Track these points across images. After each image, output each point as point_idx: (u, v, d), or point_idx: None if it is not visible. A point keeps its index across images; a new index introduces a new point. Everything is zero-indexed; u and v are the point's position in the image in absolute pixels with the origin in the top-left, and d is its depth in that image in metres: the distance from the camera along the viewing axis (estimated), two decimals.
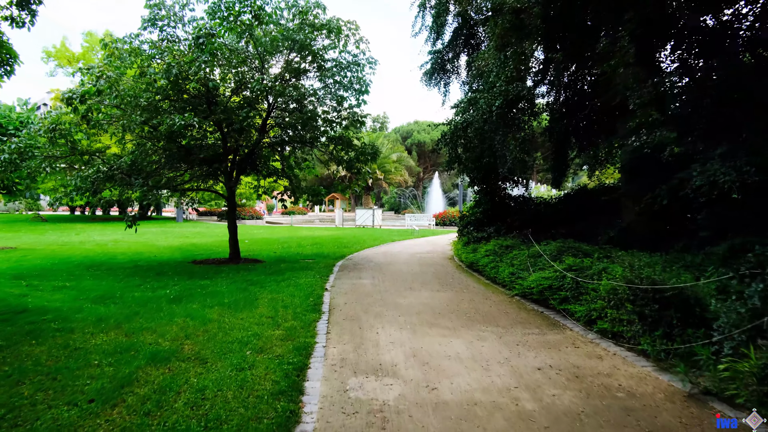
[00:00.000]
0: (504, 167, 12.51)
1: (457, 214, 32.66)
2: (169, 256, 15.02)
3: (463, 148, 13.08)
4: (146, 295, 8.67)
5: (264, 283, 9.91)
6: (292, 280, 10.31)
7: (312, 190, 16.03)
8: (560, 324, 6.98)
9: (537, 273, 8.46)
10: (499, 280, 9.98)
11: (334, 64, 13.52)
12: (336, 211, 36.69)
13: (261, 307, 7.71)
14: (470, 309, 7.94)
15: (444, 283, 10.41)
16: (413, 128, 68.04)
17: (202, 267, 12.48)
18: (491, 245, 11.80)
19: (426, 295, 9.11)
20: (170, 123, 10.72)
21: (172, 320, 6.76)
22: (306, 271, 11.66)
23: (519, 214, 14.58)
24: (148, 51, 12.40)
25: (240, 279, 10.46)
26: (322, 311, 7.60)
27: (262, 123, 13.77)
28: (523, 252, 10.40)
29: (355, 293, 9.20)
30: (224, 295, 8.56)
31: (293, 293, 8.86)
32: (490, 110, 12.10)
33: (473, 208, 16.25)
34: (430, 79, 16.80)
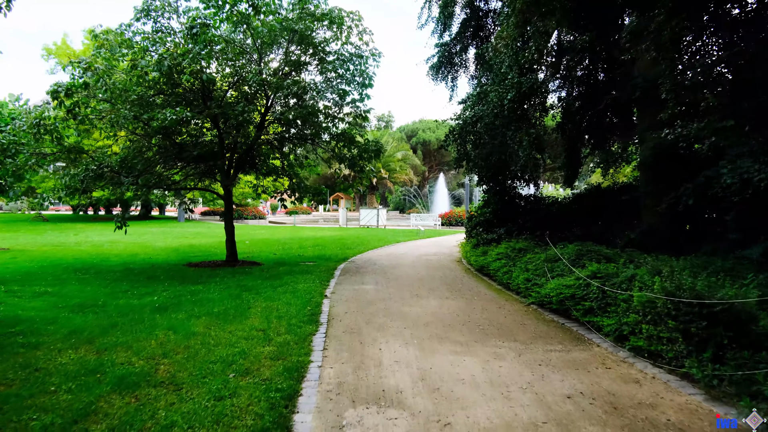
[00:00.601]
0: (516, 165, 11.76)
1: (463, 214, 31.90)
2: (164, 258, 14.37)
3: (472, 145, 12.35)
4: (131, 302, 7.99)
5: (259, 289, 9.22)
6: (289, 286, 9.61)
7: (314, 189, 15.37)
8: (585, 339, 6.24)
9: (556, 280, 7.72)
10: (513, 286, 9.24)
11: (336, 57, 12.81)
12: (340, 211, 36.01)
13: (253, 317, 7.01)
14: (483, 320, 7.21)
15: (453, 289, 9.68)
16: (418, 127, 67.28)
17: (196, 270, 11.80)
18: (503, 248, 11.06)
19: (434, 303, 8.39)
20: (161, 118, 10.06)
21: (153, 333, 6.07)
22: (305, 276, 10.96)
23: (531, 215, 13.83)
24: (141, 43, 11.75)
25: (234, 284, 9.77)
26: (319, 322, 6.88)
27: (260, 119, 13.08)
28: (538, 256, 9.66)
29: (357, 301, 8.49)
30: (214, 303, 7.87)
31: (290, 301, 8.16)
32: (502, 104, 11.38)
33: (482, 208, 15.50)
34: (436, 73, 16.08)
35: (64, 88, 10.21)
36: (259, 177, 15.14)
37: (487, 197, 15.65)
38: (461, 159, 13.08)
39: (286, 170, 14.60)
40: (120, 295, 8.65)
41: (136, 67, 11.08)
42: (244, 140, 13.30)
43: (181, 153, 11.47)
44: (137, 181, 10.41)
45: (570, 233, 12.54)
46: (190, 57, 10.67)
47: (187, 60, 10.70)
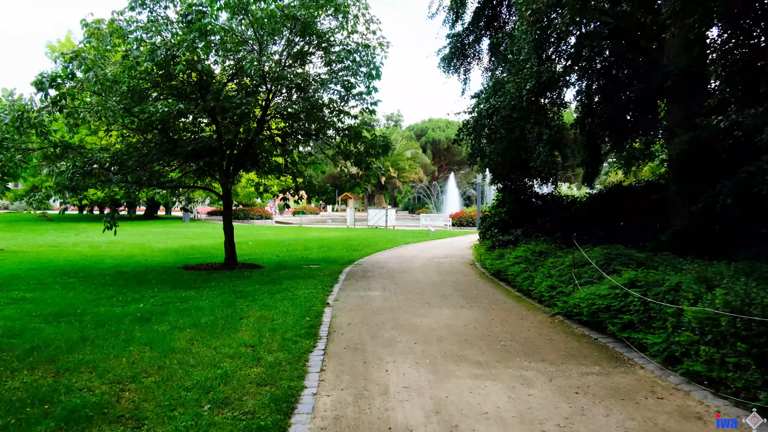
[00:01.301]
0: (536, 161, 10.90)
1: (474, 214, 30.99)
2: (161, 260, 13.65)
3: (487, 139, 11.48)
4: (113, 311, 7.23)
5: (256, 296, 8.43)
6: (289, 292, 8.81)
7: (319, 187, 14.57)
8: (626, 359, 5.37)
9: (586, 288, 6.84)
10: (535, 294, 8.37)
11: (342, 48, 11.98)
12: (347, 211, 35.22)
13: (244, 329, 6.21)
14: (504, 334, 6.36)
15: (468, 297, 8.83)
16: (428, 126, 66.41)
17: (191, 274, 11.05)
18: (521, 251, 10.19)
19: (447, 313, 7.54)
20: (152, 110, 9.33)
21: (126, 350, 5.29)
22: (307, 280, 10.17)
23: (549, 215, 12.94)
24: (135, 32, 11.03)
25: (229, 290, 9.00)
26: (318, 336, 6.07)
27: (261, 113, 12.31)
28: (562, 260, 8.79)
29: (362, 310, 7.67)
30: (204, 313, 7.08)
31: (287, 310, 7.36)
32: (520, 95, 10.53)
33: (496, 208, 14.63)
34: (448, 65, 15.23)
35: (48, 79, 9.53)
36: (261, 175, 14.39)
37: (501, 196, 14.79)
38: (475, 155, 12.21)
39: (290, 168, 13.84)
40: (103, 302, 7.89)
41: (127, 57, 10.39)
42: (245, 135, 12.55)
43: (175, 149, 10.72)
44: (127, 178, 9.66)
45: (592, 235, 11.65)
46: (185, 46, 9.94)
47: (181, 49, 9.97)
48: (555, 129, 11.25)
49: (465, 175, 66.69)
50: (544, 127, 10.45)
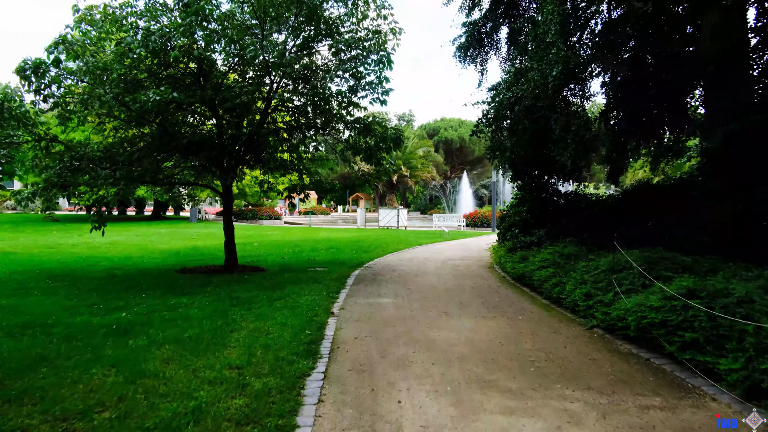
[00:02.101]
0: (564, 155, 9.93)
1: (488, 214, 29.97)
2: (159, 262, 12.87)
3: (508, 132, 10.52)
4: (90, 321, 6.41)
5: (253, 303, 7.57)
6: (290, 299, 7.94)
7: (327, 185, 13.70)
8: (691, 387, 4.40)
9: (633, 298, 5.86)
10: (567, 303, 7.39)
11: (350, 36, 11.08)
12: (358, 212, 34.33)
13: (232, 346, 5.34)
14: (537, 352, 5.42)
15: (490, 305, 7.88)
16: (440, 125, 65.39)
17: (188, 277, 10.23)
18: (548, 253, 9.22)
19: (468, 324, 6.61)
20: (144, 99, 8.52)
21: (89, 372, 4.44)
22: (312, 285, 9.29)
23: (574, 215, 11.95)
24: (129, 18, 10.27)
25: (225, 296, 8.14)
26: (319, 354, 5.18)
27: (264, 105, 11.47)
28: (595, 263, 7.83)
29: (371, 321, 6.76)
30: (191, 324, 6.23)
31: (286, 320, 6.48)
32: (545, 82, 9.59)
33: (515, 207, 13.66)
34: (464, 55, 14.27)
35: (32, 66, 8.77)
36: (266, 172, 13.55)
37: (521, 195, 13.82)
38: (495, 148, 11.24)
39: (296, 165, 12.98)
40: (82, 310, 7.07)
41: (120, 44, 9.62)
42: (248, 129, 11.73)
43: (170, 142, 9.90)
44: (115, 174, 8.86)
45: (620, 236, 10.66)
46: (181, 31, 9.15)
47: (177, 35, 9.18)
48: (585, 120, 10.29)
49: (477, 175, 65.58)
50: (572, 118, 9.49)
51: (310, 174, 13.70)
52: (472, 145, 62.43)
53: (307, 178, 13.47)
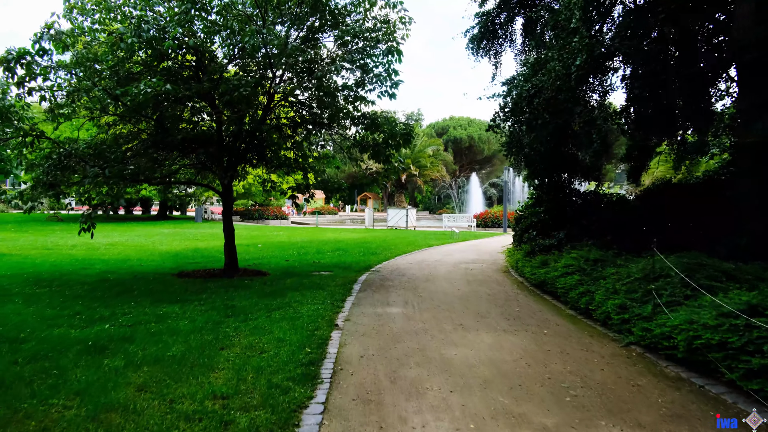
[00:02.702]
0: (587, 151, 9.19)
1: (499, 214, 29.15)
2: (157, 265, 12.26)
3: (527, 126, 9.77)
4: (67, 334, 5.77)
5: (250, 313, 6.90)
6: (291, 308, 7.27)
7: (333, 184, 13.01)
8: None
9: (680, 313, 5.12)
10: (598, 315, 6.64)
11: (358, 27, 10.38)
12: (366, 211, 33.64)
13: (221, 367, 4.67)
14: (570, 375, 4.70)
15: (509, 316, 7.16)
16: (449, 124, 64.58)
17: (184, 282, 9.59)
18: (572, 258, 8.47)
19: (488, 340, 5.90)
20: (135, 92, 7.90)
21: (47, 402, 3.78)
22: (316, 292, 8.62)
23: (596, 216, 11.18)
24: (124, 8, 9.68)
25: (221, 304, 7.49)
26: (319, 378, 4.49)
27: (267, 99, 10.82)
28: (626, 270, 7.09)
29: (379, 335, 6.07)
30: (178, 339, 5.57)
31: (284, 335, 5.80)
32: (567, 73, 8.85)
33: (532, 207, 12.91)
34: (477, 46, 13.52)
35: (15, 56, 8.18)
36: (270, 171, 12.92)
37: (537, 194, 13.07)
38: (513, 144, 10.49)
39: (300, 163, 12.33)
40: (62, 321, 6.44)
41: (111, 33, 9.01)
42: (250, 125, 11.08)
43: (165, 138, 9.27)
44: (104, 172, 8.23)
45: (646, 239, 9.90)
46: (176, 20, 8.54)
47: (172, 23, 8.57)
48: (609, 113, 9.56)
49: (486, 174, 64.71)
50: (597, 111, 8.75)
51: (316, 173, 13.04)
52: (481, 144, 61.60)
53: (313, 177, 12.83)
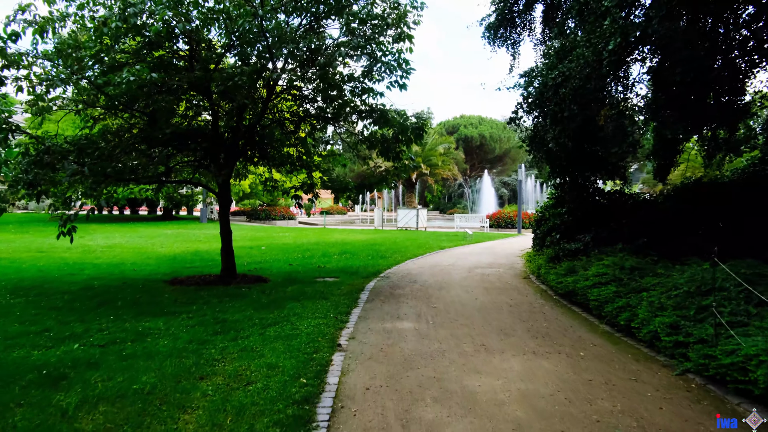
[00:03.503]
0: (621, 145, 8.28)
1: (512, 214, 28.15)
2: (151, 270, 11.48)
3: (551, 119, 8.84)
4: (26, 358, 4.97)
5: (241, 329, 6.07)
6: (289, 323, 6.42)
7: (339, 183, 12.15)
8: None
9: (759, 339, 4.19)
10: (642, 335, 5.69)
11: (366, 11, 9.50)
12: (375, 212, 32.76)
13: (194, 406, 3.82)
14: (622, 416, 3.79)
15: (537, 332, 6.26)
16: (459, 122, 63.43)
17: (176, 290, 8.80)
18: (604, 266, 7.54)
19: (517, 366, 5.00)
20: (117, 81, 7.12)
21: None
22: (318, 303, 7.78)
23: (626, 217, 10.24)
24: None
25: (210, 318, 6.67)
26: (314, 422, 3.63)
27: (267, 91, 9.99)
28: (671, 281, 6.18)
29: (389, 359, 5.20)
30: (151, 365, 4.74)
31: (276, 360, 4.94)
32: (599, 59, 7.95)
33: (553, 208, 11.98)
34: (494, 35, 12.63)
35: None
36: (271, 170, 12.11)
37: (557, 194, 12.15)
38: (535, 139, 9.55)
39: (304, 161, 11.50)
40: (26, 339, 5.63)
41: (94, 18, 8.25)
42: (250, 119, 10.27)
43: (152, 130, 8.46)
44: (83, 170, 7.43)
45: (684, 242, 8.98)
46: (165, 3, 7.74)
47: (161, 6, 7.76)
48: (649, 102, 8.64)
49: (497, 173, 63.53)
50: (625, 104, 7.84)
51: (324, 172, 12.19)
52: (492, 142, 60.48)
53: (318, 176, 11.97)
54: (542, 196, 46.74)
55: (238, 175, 13.27)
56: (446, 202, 58.13)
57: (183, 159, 10.21)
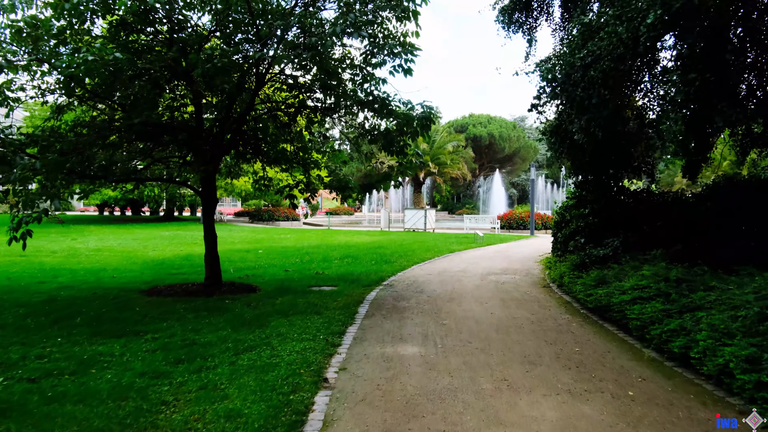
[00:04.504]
0: (667, 135, 7.14)
1: (525, 215, 26.92)
2: (133, 277, 10.47)
3: (577, 107, 7.69)
4: None
5: (210, 357, 5.01)
6: (268, 347, 5.35)
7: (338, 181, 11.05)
8: None
9: None
10: (708, 369, 4.53)
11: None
12: (382, 212, 31.64)
13: None
14: None
15: (569, 360, 5.13)
16: (468, 121, 62.12)
17: (150, 302, 7.76)
18: (644, 277, 6.38)
19: (550, 413, 3.88)
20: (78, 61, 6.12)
21: None
22: (309, 318, 6.71)
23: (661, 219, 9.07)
24: None
25: (178, 340, 5.62)
26: None
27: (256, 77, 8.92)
28: (738, 299, 5.03)
29: (387, 402, 4.09)
30: (81, 411, 3.68)
31: (241, 404, 3.86)
32: (635, 35, 6.82)
33: (574, 209, 10.82)
34: (509, 19, 11.47)
35: None
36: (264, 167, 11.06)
37: (578, 193, 10.99)
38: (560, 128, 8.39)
39: (300, 156, 10.45)
40: None
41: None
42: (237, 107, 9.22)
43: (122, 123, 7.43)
44: (35, 165, 6.41)
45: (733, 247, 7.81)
46: None
47: None
48: None
49: (507, 173, 62.22)
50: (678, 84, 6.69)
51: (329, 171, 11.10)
52: (502, 142, 59.18)
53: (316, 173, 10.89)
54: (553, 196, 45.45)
55: (230, 174, 12.26)
56: (455, 203, 56.95)
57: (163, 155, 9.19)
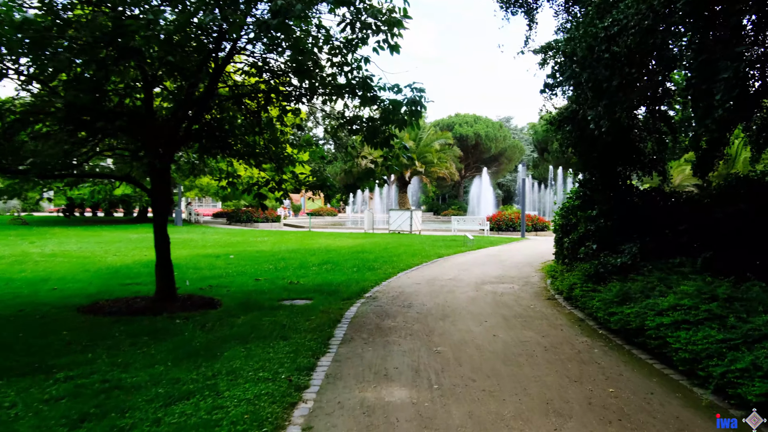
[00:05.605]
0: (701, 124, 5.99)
1: (515, 216, 25.83)
2: (77, 289, 9.06)
3: (594, 89, 6.48)
4: None
5: (130, 409, 3.70)
6: (212, 392, 4.05)
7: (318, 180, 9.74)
8: None
9: None
10: None
11: None
12: (365, 213, 30.34)
13: None
14: None
15: (605, 409, 3.91)
16: (454, 121, 61.18)
17: (83, 323, 6.40)
18: (688, 296, 5.20)
19: None
20: None
21: None
22: (272, 345, 5.42)
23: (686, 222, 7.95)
24: None
25: (97, 380, 4.29)
26: None
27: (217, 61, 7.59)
28: None
29: None
30: None
31: None
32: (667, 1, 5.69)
33: (581, 210, 9.65)
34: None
35: None
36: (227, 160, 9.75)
37: (582, 193, 9.85)
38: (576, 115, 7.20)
39: (271, 150, 9.16)
40: None
41: None
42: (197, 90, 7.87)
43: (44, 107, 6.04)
44: None
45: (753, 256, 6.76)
46: None
47: None
48: None
49: (493, 173, 61.36)
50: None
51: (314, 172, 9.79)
52: (488, 142, 58.36)
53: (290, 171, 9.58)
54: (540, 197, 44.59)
55: (193, 171, 10.89)
56: (441, 203, 55.90)
57: (103, 147, 7.83)
